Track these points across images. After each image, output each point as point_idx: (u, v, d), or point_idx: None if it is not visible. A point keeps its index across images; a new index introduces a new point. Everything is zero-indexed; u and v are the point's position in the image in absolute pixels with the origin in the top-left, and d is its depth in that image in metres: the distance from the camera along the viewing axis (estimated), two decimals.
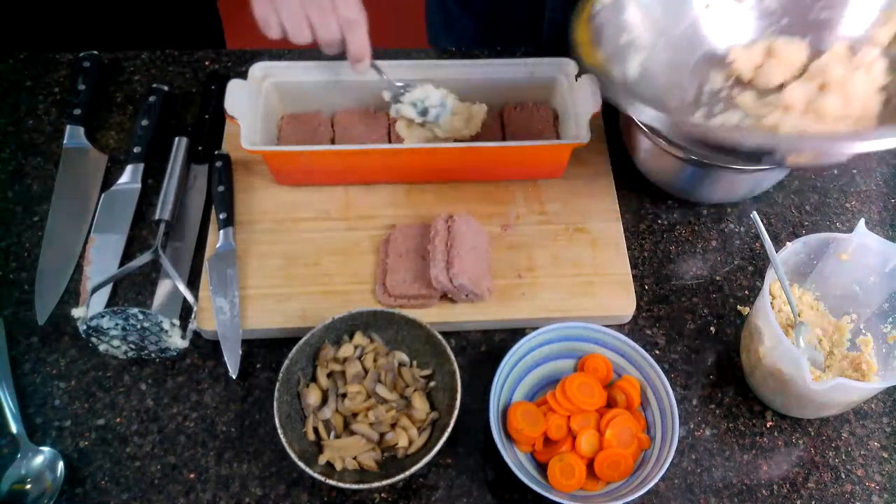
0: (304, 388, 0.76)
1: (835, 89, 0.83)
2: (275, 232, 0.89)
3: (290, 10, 0.78)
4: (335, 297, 0.84)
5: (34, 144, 0.96)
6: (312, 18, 0.78)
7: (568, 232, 0.90)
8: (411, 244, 0.86)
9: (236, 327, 0.81)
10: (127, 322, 0.77)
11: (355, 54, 0.82)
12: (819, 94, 0.84)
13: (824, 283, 0.81)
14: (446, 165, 0.92)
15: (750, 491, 0.76)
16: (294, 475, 0.75)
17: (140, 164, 0.93)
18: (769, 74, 0.88)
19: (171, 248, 0.87)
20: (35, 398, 0.79)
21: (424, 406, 0.76)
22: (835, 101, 0.81)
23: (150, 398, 0.79)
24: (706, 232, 0.93)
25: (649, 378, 0.76)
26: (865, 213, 0.96)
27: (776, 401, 0.79)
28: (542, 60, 0.94)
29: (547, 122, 0.95)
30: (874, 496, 0.76)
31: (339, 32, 0.80)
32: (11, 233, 0.89)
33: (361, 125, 0.94)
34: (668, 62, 0.89)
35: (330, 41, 0.80)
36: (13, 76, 1.03)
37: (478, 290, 0.82)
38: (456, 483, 0.75)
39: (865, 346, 0.78)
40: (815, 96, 0.84)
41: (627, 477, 0.73)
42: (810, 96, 0.84)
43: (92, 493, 0.74)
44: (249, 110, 0.88)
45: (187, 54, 1.06)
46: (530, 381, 0.80)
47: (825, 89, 0.84)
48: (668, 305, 0.87)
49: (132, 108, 1.01)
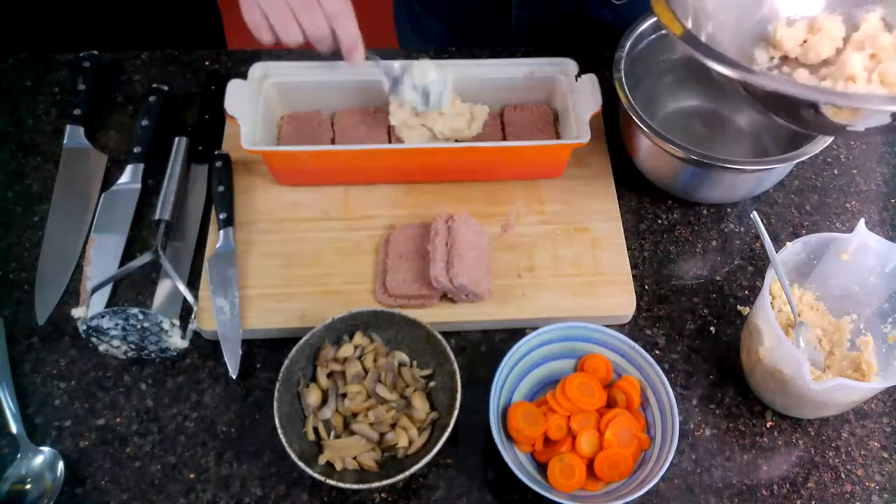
0: (304, 388, 0.76)
1: (889, 56, 0.82)
2: (275, 232, 0.89)
3: (277, 12, 0.79)
4: (335, 297, 0.84)
5: (34, 144, 0.96)
6: (299, 16, 0.78)
7: (568, 232, 0.90)
8: (411, 244, 0.86)
9: (236, 327, 0.81)
10: (127, 322, 0.77)
11: (347, 45, 0.82)
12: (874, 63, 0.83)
13: (824, 283, 0.81)
14: (446, 165, 0.92)
15: (750, 491, 0.76)
16: (294, 475, 0.75)
17: (140, 164, 0.93)
18: (817, 49, 0.87)
19: (171, 248, 0.87)
20: (35, 398, 0.79)
21: (424, 406, 0.76)
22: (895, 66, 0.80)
23: (150, 398, 0.79)
24: (706, 232, 0.93)
25: (649, 378, 0.76)
26: (865, 213, 0.96)
27: (776, 401, 0.79)
28: (542, 60, 0.94)
29: (547, 122, 0.95)
30: (874, 496, 0.76)
31: (328, 26, 0.80)
32: (11, 233, 0.89)
33: (361, 125, 0.94)
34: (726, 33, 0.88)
35: (320, 36, 0.80)
36: (13, 76, 1.03)
37: (478, 290, 0.82)
38: (456, 483, 0.75)
39: (865, 346, 0.78)
40: (871, 65, 0.83)
41: (627, 477, 0.73)
42: (867, 66, 0.84)
43: (92, 493, 0.74)
44: (249, 110, 0.88)
45: (187, 54, 1.06)
46: (530, 382, 0.80)
47: (876, 58, 0.84)
48: (668, 305, 0.87)
49: (132, 108, 1.01)
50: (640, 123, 0.86)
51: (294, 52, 1.04)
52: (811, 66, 0.89)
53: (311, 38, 0.80)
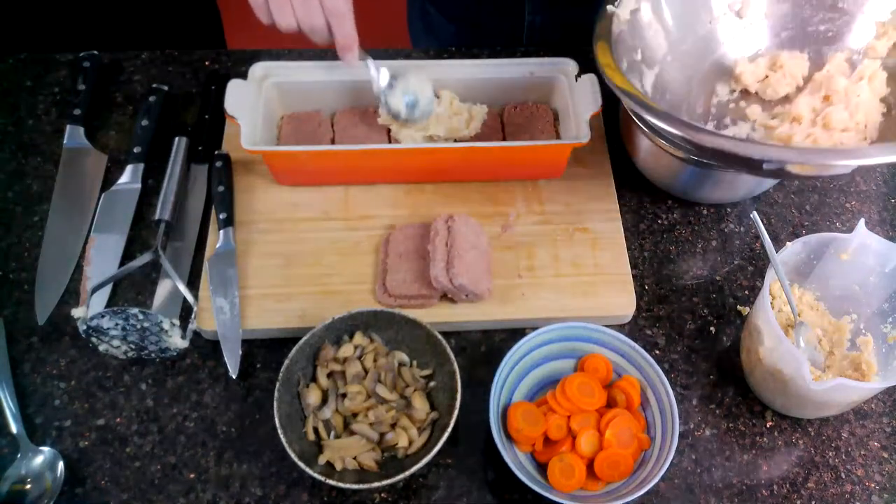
0: (304, 388, 0.76)
1: (840, 100, 0.84)
2: (275, 232, 0.89)
3: None
4: (335, 297, 0.84)
5: (34, 144, 0.96)
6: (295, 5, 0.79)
7: (568, 232, 0.90)
8: (411, 244, 0.86)
9: (236, 327, 0.81)
10: (127, 322, 0.77)
11: (342, 44, 0.82)
12: (824, 105, 0.85)
13: (824, 283, 0.81)
14: (446, 165, 0.92)
15: (750, 491, 0.76)
16: (294, 475, 0.75)
17: (140, 164, 0.93)
18: (776, 86, 0.90)
19: (171, 248, 0.87)
20: (35, 398, 0.79)
21: (424, 406, 0.76)
22: (841, 112, 0.83)
23: (150, 398, 0.79)
24: (706, 232, 0.93)
25: (649, 378, 0.76)
26: (865, 213, 0.96)
27: (776, 401, 0.79)
28: (542, 60, 0.95)
29: (547, 122, 0.95)
30: (874, 496, 0.76)
31: (324, 19, 0.80)
32: (11, 233, 0.89)
33: (361, 125, 0.94)
34: (680, 76, 0.91)
35: (312, 27, 0.81)
36: (13, 76, 1.03)
37: (478, 290, 0.82)
38: (456, 483, 0.75)
39: (865, 346, 0.78)
40: (821, 107, 0.85)
41: (627, 477, 0.73)
42: (817, 107, 0.85)
43: (92, 493, 0.74)
44: (249, 110, 0.88)
45: (187, 54, 1.06)
46: (530, 381, 0.80)
47: (830, 100, 0.85)
48: (668, 305, 0.87)
49: (132, 108, 1.01)
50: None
51: (294, 52, 1.05)
52: (769, 102, 0.91)
53: (304, 28, 0.81)
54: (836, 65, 0.88)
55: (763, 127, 0.89)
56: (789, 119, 0.86)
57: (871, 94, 0.85)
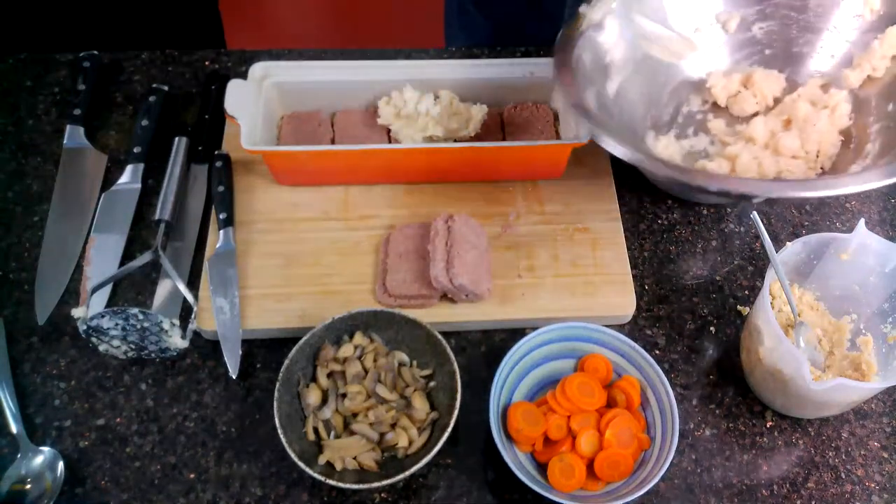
0: (304, 388, 0.76)
1: (796, 127, 0.85)
2: (275, 232, 0.89)
3: None
4: (335, 297, 0.84)
5: (34, 144, 0.96)
6: None
7: (568, 232, 0.90)
8: (411, 244, 0.86)
9: (236, 327, 0.81)
10: (127, 322, 0.77)
11: None
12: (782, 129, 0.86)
13: (824, 283, 0.81)
14: (446, 165, 0.92)
15: (750, 491, 0.76)
16: (294, 475, 0.75)
17: (140, 164, 0.93)
18: (742, 104, 0.91)
19: (171, 248, 0.87)
20: (35, 398, 0.79)
21: (424, 406, 0.76)
22: (792, 139, 0.85)
23: (150, 398, 0.79)
24: (706, 232, 0.93)
25: (649, 378, 0.76)
26: (865, 213, 0.96)
27: (776, 401, 0.79)
28: (543, 60, 0.95)
29: (547, 122, 0.95)
30: (874, 496, 0.76)
31: None
32: (11, 233, 0.89)
33: (361, 125, 0.94)
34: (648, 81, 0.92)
35: None
36: (13, 76, 1.03)
37: (478, 290, 0.82)
38: (456, 483, 0.75)
39: (865, 346, 0.78)
40: (778, 131, 0.86)
41: (627, 477, 0.73)
42: (774, 130, 0.86)
43: (92, 493, 0.74)
44: (249, 110, 0.88)
45: (187, 54, 1.06)
46: (530, 381, 0.80)
47: (788, 126, 0.86)
48: (668, 305, 0.87)
49: (132, 108, 1.01)
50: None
51: (294, 52, 1.05)
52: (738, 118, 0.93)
53: None
54: (809, 90, 0.89)
55: (720, 142, 0.90)
56: (744, 138, 0.87)
57: (829, 125, 0.86)
